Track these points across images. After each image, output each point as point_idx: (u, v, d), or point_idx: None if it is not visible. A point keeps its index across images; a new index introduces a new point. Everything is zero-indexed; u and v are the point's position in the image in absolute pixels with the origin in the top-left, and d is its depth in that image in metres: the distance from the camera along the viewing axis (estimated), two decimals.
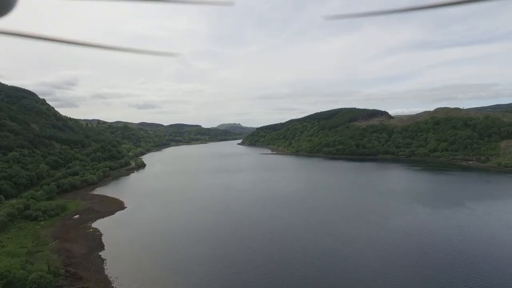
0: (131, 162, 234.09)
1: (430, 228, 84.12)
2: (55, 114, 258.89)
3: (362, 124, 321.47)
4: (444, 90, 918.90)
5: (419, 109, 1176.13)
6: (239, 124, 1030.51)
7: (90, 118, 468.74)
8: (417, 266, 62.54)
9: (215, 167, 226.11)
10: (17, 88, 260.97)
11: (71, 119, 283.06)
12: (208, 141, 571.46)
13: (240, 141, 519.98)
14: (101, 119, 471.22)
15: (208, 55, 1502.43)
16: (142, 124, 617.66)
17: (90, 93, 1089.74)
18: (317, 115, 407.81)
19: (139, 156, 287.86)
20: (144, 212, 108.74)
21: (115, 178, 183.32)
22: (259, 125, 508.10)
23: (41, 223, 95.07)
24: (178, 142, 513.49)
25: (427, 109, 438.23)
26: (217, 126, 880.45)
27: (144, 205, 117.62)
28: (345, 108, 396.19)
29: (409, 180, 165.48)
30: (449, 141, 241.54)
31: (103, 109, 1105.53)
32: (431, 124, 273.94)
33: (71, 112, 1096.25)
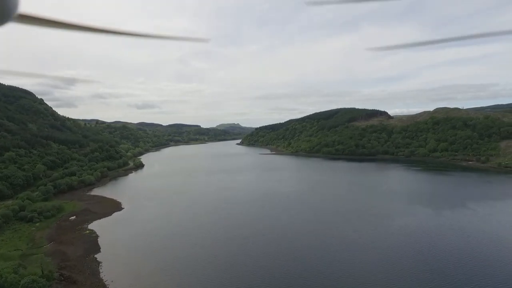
0: (129, 163, 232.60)
1: (431, 230, 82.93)
2: (53, 114, 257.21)
3: (362, 124, 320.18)
4: (443, 90, 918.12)
5: (418, 109, 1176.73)
6: (238, 124, 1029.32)
7: (89, 118, 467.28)
8: (417, 267, 61.33)
9: (214, 167, 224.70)
10: (14, 87, 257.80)
11: (69, 119, 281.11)
12: (207, 141, 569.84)
13: (239, 141, 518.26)
14: (100, 119, 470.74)
15: (207, 55, 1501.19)
16: (141, 124, 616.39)
17: (89, 93, 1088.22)
18: (316, 115, 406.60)
19: (137, 156, 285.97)
20: (142, 213, 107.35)
21: (113, 178, 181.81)
22: (258, 125, 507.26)
23: (36, 224, 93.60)
24: (177, 142, 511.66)
25: (426, 109, 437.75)
26: (216, 126, 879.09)
27: (142, 206, 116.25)
28: (344, 108, 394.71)
29: (409, 180, 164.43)
30: (449, 141, 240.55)
31: (102, 109, 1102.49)
32: (431, 124, 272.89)
33: (70, 112, 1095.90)
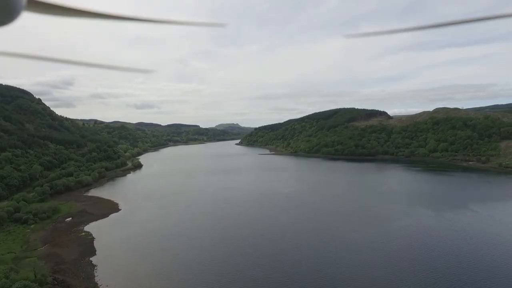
0: (127, 163, 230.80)
1: (432, 230, 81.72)
2: (51, 114, 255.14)
3: (361, 124, 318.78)
4: (443, 90, 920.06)
5: (418, 109, 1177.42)
6: (237, 124, 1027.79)
7: (88, 118, 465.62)
8: (418, 267, 60.07)
9: (212, 167, 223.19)
10: (12, 87, 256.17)
11: (67, 119, 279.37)
12: (206, 141, 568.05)
13: (238, 141, 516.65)
14: (98, 119, 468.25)
15: (207, 55, 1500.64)
16: (140, 124, 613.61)
17: (87, 93, 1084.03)
18: (316, 115, 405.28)
19: (136, 157, 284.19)
20: (139, 214, 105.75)
21: (111, 179, 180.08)
22: (257, 125, 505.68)
23: (31, 226, 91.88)
24: (176, 142, 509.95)
25: (425, 109, 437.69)
26: (216, 126, 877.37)
27: (140, 207, 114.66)
28: (344, 108, 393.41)
29: (409, 181, 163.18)
30: (449, 141, 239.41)
31: (100, 109, 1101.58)
32: (431, 124, 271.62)
33: (68, 112, 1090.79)
